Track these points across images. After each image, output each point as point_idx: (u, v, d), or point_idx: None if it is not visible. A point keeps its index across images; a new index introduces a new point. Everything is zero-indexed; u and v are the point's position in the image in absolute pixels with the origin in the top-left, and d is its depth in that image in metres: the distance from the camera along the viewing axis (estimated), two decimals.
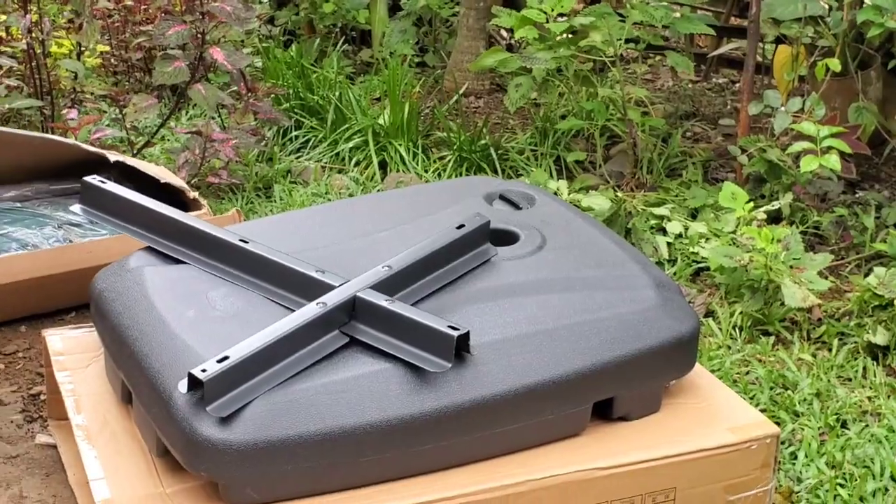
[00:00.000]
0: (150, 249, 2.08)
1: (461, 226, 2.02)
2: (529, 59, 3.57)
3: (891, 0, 2.98)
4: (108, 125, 3.57)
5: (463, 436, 1.78)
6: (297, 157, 3.80)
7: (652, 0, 3.64)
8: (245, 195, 3.46)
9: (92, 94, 3.78)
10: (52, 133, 3.35)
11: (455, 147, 3.72)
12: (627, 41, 3.68)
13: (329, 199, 3.43)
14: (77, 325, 2.31)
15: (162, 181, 2.85)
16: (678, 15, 3.58)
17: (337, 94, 4.03)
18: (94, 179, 2.16)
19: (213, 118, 3.65)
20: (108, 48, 3.89)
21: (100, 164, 2.94)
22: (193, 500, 1.70)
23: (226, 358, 1.64)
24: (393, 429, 1.72)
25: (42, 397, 2.37)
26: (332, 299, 1.78)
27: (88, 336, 2.20)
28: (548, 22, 3.58)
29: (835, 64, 3.15)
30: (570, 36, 3.60)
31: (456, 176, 3.62)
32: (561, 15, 3.60)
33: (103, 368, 2.08)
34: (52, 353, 2.18)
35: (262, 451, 1.65)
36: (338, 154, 3.81)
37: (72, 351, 2.18)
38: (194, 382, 1.62)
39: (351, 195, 3.49)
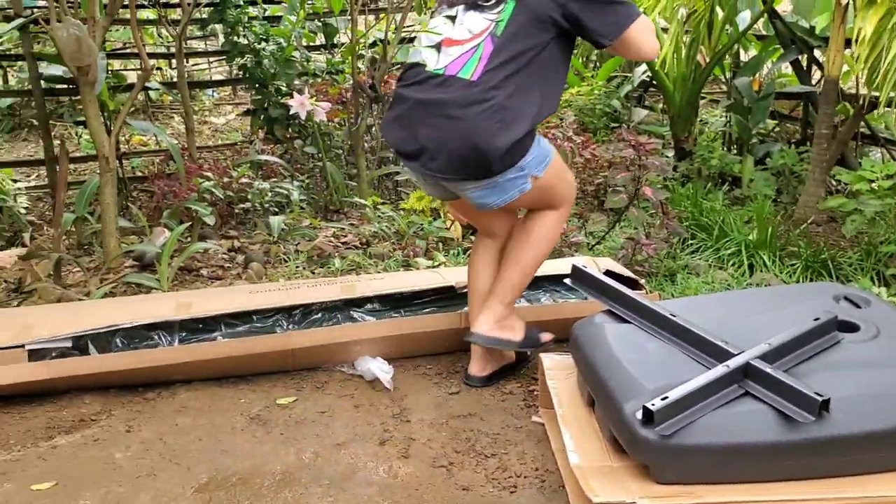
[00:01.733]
0: (608, 311, 2.13)
1: (817, 318, 1.90)
2: (863, 203, 3.27)
3: None
4: (580, 228, 3.69)
5: (813, 459, 1.66)
6: (692, 257, 3.71)
7: None
8: (657, 279, 3.43)
9: None
10: None
11: (802, 258, 3.45)
12: None
13: (713, 288, 3.31)
14: (558, 352, 2.39)
15: (611, 269, 2.86)
16: None
17: (720, 218, 3.90)
18: (580, 266, 2.26)
19: (637, 229, 3.66)
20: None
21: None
22: (631, 474, 1.72)
23: (666, 398, 1.64)
24: (766, 447, 1.65)
25: (535, 393, 2.46)
26: (733, 363, 1.73)
27: (566, 359, 2.27)
28: (876, 180, 3.28)
29: None
30: (892, 188, 3.27)
31: (802, 279, 3.36)
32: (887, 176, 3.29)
33: (576, 381, 2.15)
34: (545, 367, 2.28)
35: (679, 451, 1.64)
36: (719, 257, 3.66)
37: (556, 367, 2.27)
38: (646, 410, 1.64)
39: (728, 287, 3.34)
